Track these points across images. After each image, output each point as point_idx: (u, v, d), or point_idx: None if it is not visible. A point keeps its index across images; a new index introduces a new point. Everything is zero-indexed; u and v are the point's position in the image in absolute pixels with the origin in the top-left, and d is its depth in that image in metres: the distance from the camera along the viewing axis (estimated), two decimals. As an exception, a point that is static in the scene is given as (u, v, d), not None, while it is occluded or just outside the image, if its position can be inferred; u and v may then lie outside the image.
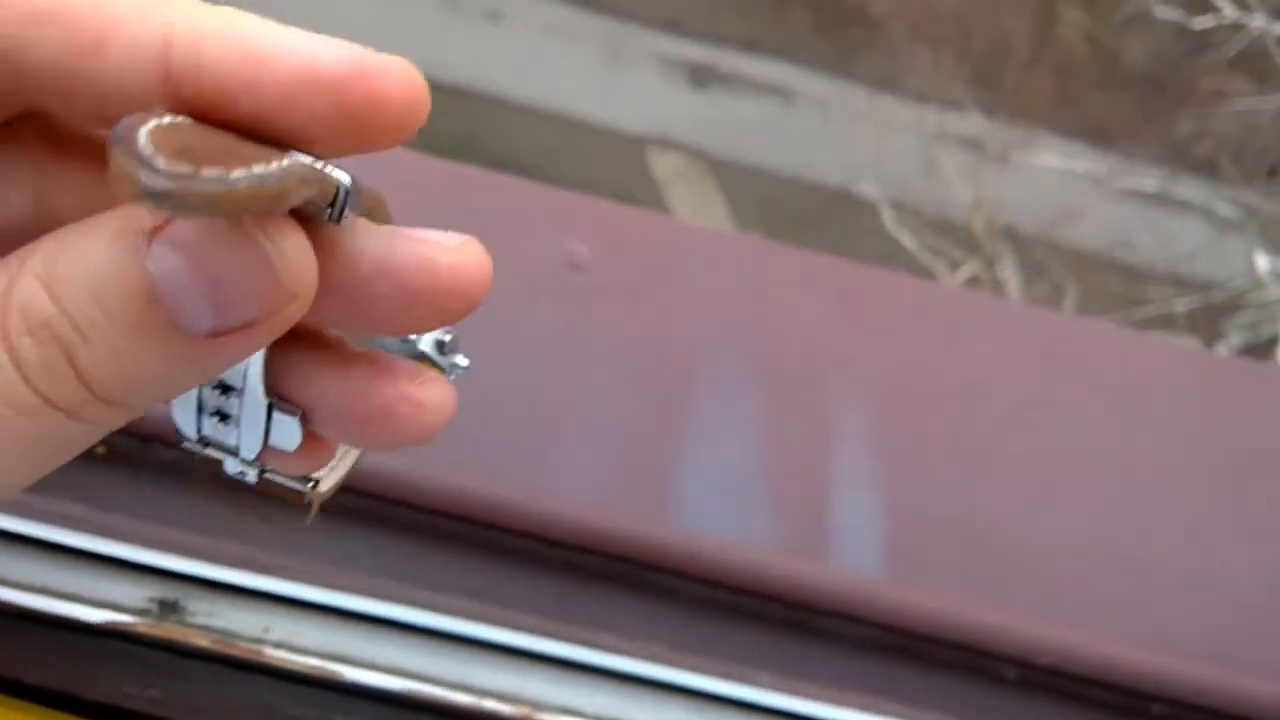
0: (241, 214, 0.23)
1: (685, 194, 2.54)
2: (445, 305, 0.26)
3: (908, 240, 2.47)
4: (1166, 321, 2.56)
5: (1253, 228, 2.67)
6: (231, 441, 0.28)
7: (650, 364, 0.80)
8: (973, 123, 2.76)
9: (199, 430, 0.28)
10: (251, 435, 0.28)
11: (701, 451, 0.77)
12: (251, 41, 0.25)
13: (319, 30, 0.27)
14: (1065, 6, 2.87)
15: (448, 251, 0.26)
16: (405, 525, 0.62)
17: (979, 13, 2.83)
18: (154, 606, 0.51)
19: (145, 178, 0.22)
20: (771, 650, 0.69)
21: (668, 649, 0.63)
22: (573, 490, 0.75)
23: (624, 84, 2.59)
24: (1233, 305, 2.59)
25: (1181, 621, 0.79)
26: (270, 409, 0.27)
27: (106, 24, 0.26)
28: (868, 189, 2.55)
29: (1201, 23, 2.59)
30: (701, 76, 2.66)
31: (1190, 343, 2.42)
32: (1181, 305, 2.59)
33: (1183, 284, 2.68)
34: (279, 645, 0.51)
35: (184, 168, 0.22)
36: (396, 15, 2.23)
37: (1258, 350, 2.48)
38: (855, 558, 0.80)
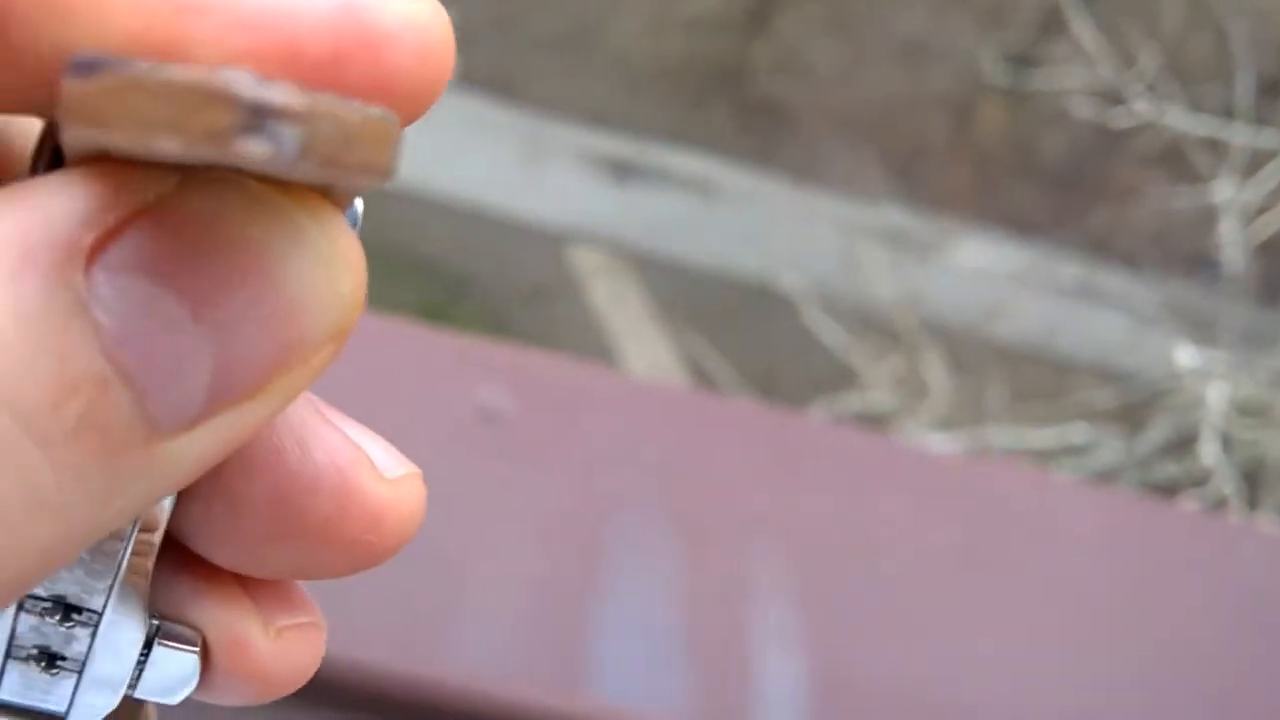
0: (354, 175, 0.14)
1: (604, 289, 2.51)
2: (332, 556, 0.17)
3: (828, 336, 2.46)
4: (1090, 414, 2.57)
5: (1171, 321, 2.70)
6: (51, 705, 0.17)
7: (561, 520, 0.76)
8: (893, 217, 2.77)
9: None
10: (98, 694, 0.17)
11: (616, 614, 0.73)
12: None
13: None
14: (984, 103, 2.90)
15: (381, 483, 0.17)
16: (282, 703, 0.57)
17: (899, 107, 2.85)
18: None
19: (252, 90, 0.13)
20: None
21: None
22: (476, 659, 0.70)
23: (543, 178, 2.58)
24: (1154, 397, 2.60)
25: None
26: (153, 638, 0.18)
27: None
28: (789, 283, 2.55)
29: (1117, 120, 2.62)
30: (622, 170, 2.65)
31: (1108, 488, 2.42)
32: (1104, 399, 2.60)
33: (1105, 376, 2.70)
34: None
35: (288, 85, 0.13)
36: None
37: (1181, 444, 2.50)
38: (779, 720, 0.76)
